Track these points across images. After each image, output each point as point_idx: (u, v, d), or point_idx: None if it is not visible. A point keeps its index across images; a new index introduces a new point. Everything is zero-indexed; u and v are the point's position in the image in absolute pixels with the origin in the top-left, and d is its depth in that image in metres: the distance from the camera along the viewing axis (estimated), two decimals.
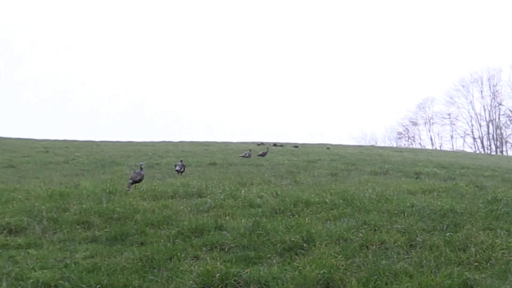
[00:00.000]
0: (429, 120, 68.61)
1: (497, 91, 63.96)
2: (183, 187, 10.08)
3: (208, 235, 6.60)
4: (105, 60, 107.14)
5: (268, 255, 5.82)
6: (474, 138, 65.28)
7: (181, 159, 14.93)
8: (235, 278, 5.06)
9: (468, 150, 60.91)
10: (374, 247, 5.97)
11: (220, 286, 4.97)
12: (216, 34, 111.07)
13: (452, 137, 67.22)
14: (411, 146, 62.79)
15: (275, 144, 29.01)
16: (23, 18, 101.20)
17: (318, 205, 8.15)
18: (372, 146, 46.35)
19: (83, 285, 4.96)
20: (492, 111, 64.25)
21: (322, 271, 5.06)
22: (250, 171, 14.46)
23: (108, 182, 11.35)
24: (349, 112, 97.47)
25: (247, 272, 5.16)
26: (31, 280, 5.03)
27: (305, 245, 6.07)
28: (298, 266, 5.35)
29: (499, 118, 64.32)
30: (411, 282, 4.86)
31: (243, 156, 19.25)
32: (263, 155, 20.30)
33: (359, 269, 5.30)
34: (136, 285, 5.01)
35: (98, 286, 4.97)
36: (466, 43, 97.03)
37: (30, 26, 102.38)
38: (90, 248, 6.20)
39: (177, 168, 13.46)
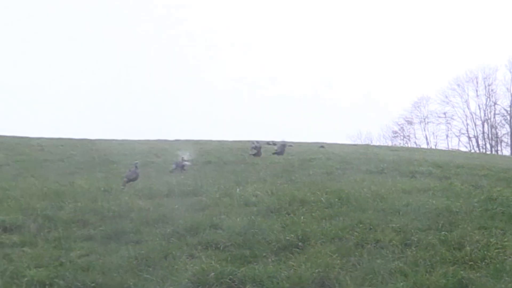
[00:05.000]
0: (424, 119, 68.60)
1: (492, 90, 63.97)
2: (178, 186, 10.07)
3: (203, 233, 6.60)
4: (101, 57, 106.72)
5: (263, 254, 5.83)
6: (469, 137, 65.37)
7: (182, 156, 15.03)
8: (230, 276, 5.07)
9: (463, 149, 60.92)
10: (369, 246, 5.98)
11: (215, 285, 4.98)
12: (212, 31, 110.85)
13: (447, 136, 67.22)
14: (406, 145, 62.82)
15: (268, 143, 28.93)
16: (20, 15, 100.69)
17: (313, 204, 8.15)
18: (367, 145, 46.31)
19: (78, 284, 4.97)
20: (487, 110, 64.32)
21: (317, 270, 5.07)
22: (246, 169, 14.45)
23: (103, 180, 11.33)
24: (344, 111, 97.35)
25: (242, 271, 5.17)
26: (26, 279, 5.04)
27: (300, 244, 6.08)
28: (293, 265, 5.36)
29: (494, 117, 64.44)
30: (406, 281, 4.88)
31: (254, 155, 18.66)
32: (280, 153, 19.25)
33: (354, 268, 5.32)
34: (131, 283, 5.01)
35: (93, 284, 4.97)
36: (462, 42, 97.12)
37: (27, 23, 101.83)
38: (85, 247, 6.20)
39: (182, 165, 13.81)
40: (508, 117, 62.39)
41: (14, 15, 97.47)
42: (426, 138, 67.93)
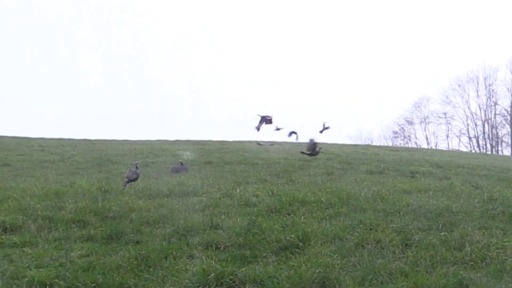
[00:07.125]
0: (425, 119, 68.60)
1: (493, 90, 63.96)
2: (178, 186, 10.07)
3: (203, 234, 6.60)
4: (101, 57, 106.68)
5: (264, 254, 5.83)
6: (469, 138, 65.34)
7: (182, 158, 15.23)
8: (231, 277, 5.06)
9: (464, 149, 60.93)
10: (369, 246, 5.98)
11: (215, 285, 4.97)
12: (212, 31, 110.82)
13: (447, 136, 67.19)
14: (406, 145, 62.79)
15: (258, 143, 28.79)
16: (20, 15, 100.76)
17: (314, 204, 8.16)
18: (367, 145, 46.29)
19: (79, 284, 4.96)
20: (487, 110, 64.29)
21: (317, 270, 5.06)
22: (246, 170, 14.46)
23: (103, 180, 11.32)
24: (345, 111, 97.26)
25: (242, 271, 5.16)
26: (27, 279, 5.03)
27: (300, 244, 6.07)
28: (293, 265, 5.36)
29: (494, 118, 64.43)
30: (406, 281, 4.87)
31: (308, 154, 17.67)
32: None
33: (355, 268, 5.31)
34: (131, 284, 5.01)
35: (94, 284, 4.97)
36: (462, 42, 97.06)
37: (27, 23, 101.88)
38: (86, 247, 6.20)
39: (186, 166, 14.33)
40: (509, 117, 62.41)
41: (14, 15, 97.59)
42: (427, 138, 67.91)
